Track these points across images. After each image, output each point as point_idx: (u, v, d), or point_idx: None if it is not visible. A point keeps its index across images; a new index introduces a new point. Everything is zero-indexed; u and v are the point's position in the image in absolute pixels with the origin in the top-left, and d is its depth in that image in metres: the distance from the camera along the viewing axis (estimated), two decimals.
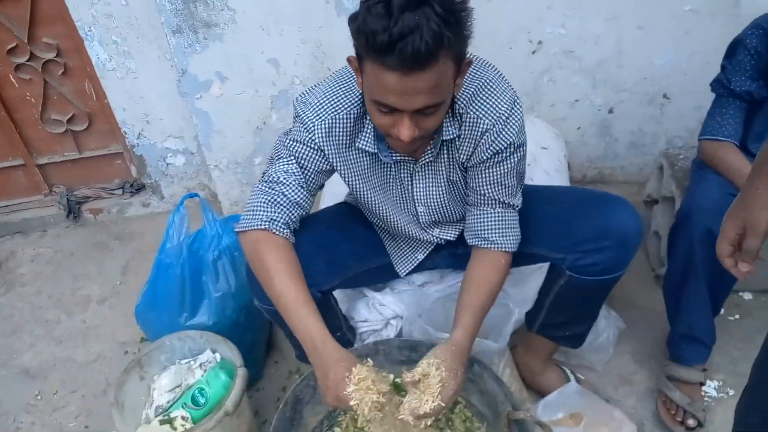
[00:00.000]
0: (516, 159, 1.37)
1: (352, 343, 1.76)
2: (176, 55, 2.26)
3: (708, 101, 2.29)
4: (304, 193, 1.39)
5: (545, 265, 1.89)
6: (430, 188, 1.47)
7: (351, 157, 1.41)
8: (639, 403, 1.83)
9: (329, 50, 2.30)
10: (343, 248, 1.59)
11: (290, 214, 1.38)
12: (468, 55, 1.19)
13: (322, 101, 1.34)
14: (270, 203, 1.36)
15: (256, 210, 1.36)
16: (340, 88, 1.35)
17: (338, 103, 1.34)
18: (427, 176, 1.45)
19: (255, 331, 1.96)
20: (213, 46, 2.25)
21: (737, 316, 2.03)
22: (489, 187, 1.40)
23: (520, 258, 1.61)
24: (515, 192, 1.43)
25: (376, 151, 1.37)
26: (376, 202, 1.51)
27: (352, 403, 1.18)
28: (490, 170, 1.38)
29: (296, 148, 1.37)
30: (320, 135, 1.35)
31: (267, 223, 1.35)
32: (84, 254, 2.74)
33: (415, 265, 1.70)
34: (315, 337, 1.26)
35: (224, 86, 2.36)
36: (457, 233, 1.62)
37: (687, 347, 1.74)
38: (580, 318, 1.65)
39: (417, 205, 1.51)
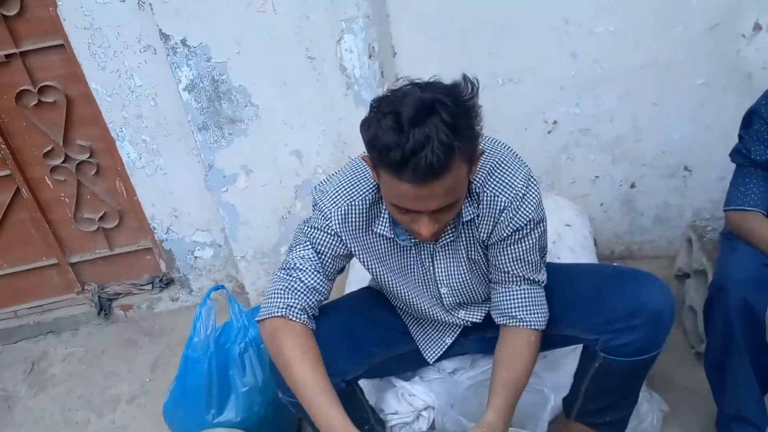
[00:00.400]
0: (537, 235, 1.37)
1: None
2: (203, 151, 2.35)
3: (730, 171, 2.30)
4: (321, 278, 1.41)
5: (579, 347, 1.84)
6: (452, 268, 1.46)
7: (369, 241, 1.43)
8: None
9: (349, 139, 2.37)
10: (367, 334, 1.57)
11: (307, 300, 1.39)
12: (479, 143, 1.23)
13: (338, 189, 1.39)
14: (287, 290, 1.38)
15: (274, 297, 1.38)
16: (355, 176, 1.39)
17: (353, 191, 1.38)
18: (447, 256, 1.45)
19: (283, 427, 1.91)
20: (238, 140, 2.34)
21: None
22: (512, 264, 1.40)
23: (551, 340, 1.57)
24: (539, 268, 1.43)
25: (393, 236, 1.40)
26: (398, 285, 1.51)
27: None
28: (512, 247, 1.38)
29: (313, 234, 1.40)
30: (336, 221, 1.38)
31: (284, 309, 1.35)
32: (114, 352, 2.75)
33: (444, 349, 1.66)
34: (336, 427, 1.23)
35: (249, 178, 2.43)
36: (483, 314, 1.59)
37: (738, 429, 1.64)
38: (619, 402, 1.58)
39: (440, 286, 1.50)
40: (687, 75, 2.16)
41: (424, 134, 1.06)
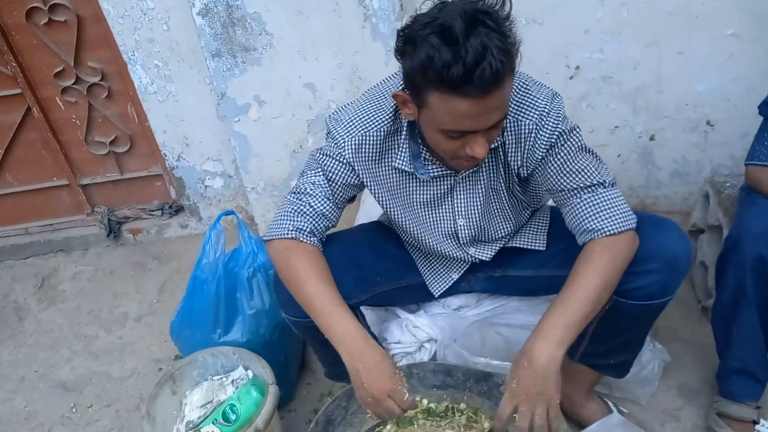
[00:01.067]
0: (575, 141, 1.31)
1: None
2: (215, 79, 2.31)
3: (754, 128, 2.24)
4: (330, 205, 1.41)
5: None
6: (472, 199, 1.45)
7: (382, 173, 1.42)
8: None
9: (365, 75, 2.32)
10: (373, 264, 1.58)
11: (316, 224, 1.39)
12: None
13: (353, 118, 1.37)
14: (297, 213, 1.38)
15: (283, 219, 1.39)
16: (371, 106, 1.37)
17: (369, 121, 1.36)
18: (467, 187, 1.43)
19: (288, 351, 1.94)
20: (251, 70, 2.30)
21: None
22: (564, 179, 1.31)
23: (561, 281, 1.56)
24: (595, 170, 1.30)
25: (412, 170, 1.38)
26: (408, 219, 1.50)
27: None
28: (555, 163, 1.32)
29: (324, 161, 1.40)
30: (349, 150, 1.37)
31: (294, 231, 1.37)
32: (123, 273, 2.79)
33: (450, 284, 1.67)
34: (355, 332, 1.28)
35: (262, 110, 2.40)
36: (492, 253, 1.59)
37: (739, 382, 1.65)
38: (625, 346, 1.58)
39: (457, 218, 1.49)
40: (716, 24, 2.08)
41: (480, 43, 1.02)
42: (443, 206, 1.47)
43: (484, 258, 1.59)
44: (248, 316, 1.80)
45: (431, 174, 1.40)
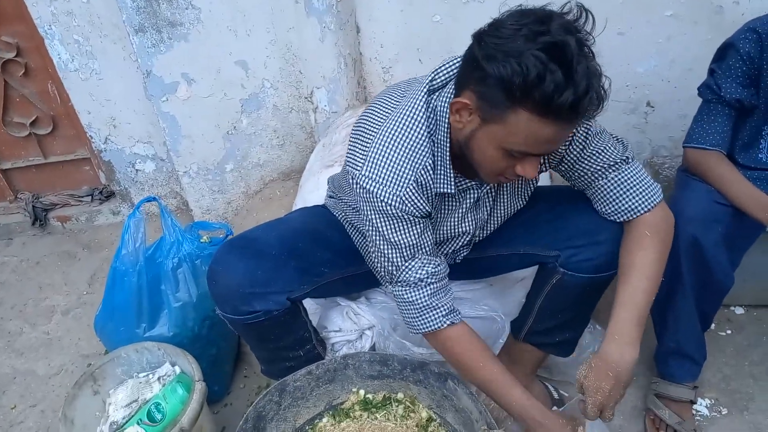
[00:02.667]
0: (596, 126, 1.28)
1: (322, 357, 1.67)
2: (140, 56, 2.17)
3: (692, 109, 2.24)
4: (442, 263, 1.34)
5: (529, 276, 1.81)
6: (496, 207, 1.42)
7: (435, 203, 1.32)
8: (626, 422, 1.74)
9: (300, 52, 2.22)
10: (316, 254, 1.50)
11: (447, 291, 1.35)
12: None
13: (392, 167, 1.21)
14: (433, 295, 1.32)
15: (425, 310, 1.33)
16: (401, 144, 1.21)
17: (412, 159, 1.21)
18: (492, 197, 1.39)
19: (219, 344, 1.86)
20: (178, 46, 2.17)
21: (729, 332, 1.95)
22: (589, 161, 1.28)
23: (509, 260, 1.55)
24: (615, 148, 1.28)
25: (455, 191, 1.28)
26: (439, 234, 1.43)
27: None
28: (577, 148, 1.27)
29: (408, 238, 1.27)
30: (412, 201, 1.22)
31: (444, 318, 1.33)
32: (50, 263, 2.64)
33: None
34: (536, 413, 1.28)
35: (191, 89, 2.27)
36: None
37: (675, 364, 1.66)
38: (571, 322, 1.56)
39: (476, 229, 1.43)
40: (656, 5, 2.05)
41: (588, 70, 0.98)
42: (466, 221, 1.40)
43: (468, 256, 1.54)
44: (174, 309, 1.71)
45: (460, 187, 1.32)
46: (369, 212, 1.25)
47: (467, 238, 1.45)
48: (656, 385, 1.71)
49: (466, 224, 1.41)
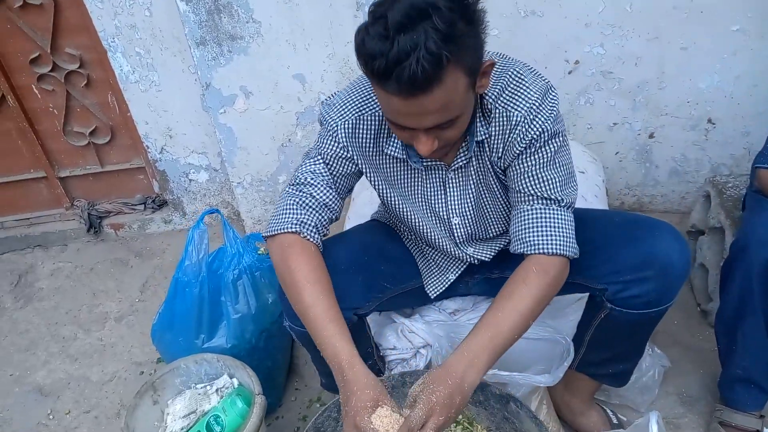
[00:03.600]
0: (553, 148, 1.22)
1: (382, 372, 1.66)
2: (200, 68, 2.21)
3: (756, 127, 2.20)
4: (333, 194, 1.33)
5: (585, 296, 1.78)
6: (465, 196, 1.37)
7: (378, 160, 1.34)
8: None
9: (356, 66, 2.21)
10: (380, 269, 1.49)
11: (320, 217, 1.31)
12: (490, 56, 1.13)
13: (345, 101, 1.30)
14: (298, 204, 1.30)
15: (284, 212, 1.30)
16: (366, 89, 1.29)
17: (362, 104, 1.28)
18: (460, 182, 1.35)
19: (275, 357, 1.86)
20: (237, 59, 2.20)
21: None
22: (526, 182, 1.25)
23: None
24: (558, 186, 1.24)
25: (405, 156, 1.30)
26: (408, 210, 1.42)
27: None
28: (525, 163, 1.24)
29: (322, 147, 1.32)
30: (344, 135, 1.29)
31: (297, 225, 1.28)
32: (104, 270, 2.69)
33: (446, 285, 1.59)
34: (342, 358, 1.16)
35: (249, 101, 2.30)
36: (492, 253, 1.50)
37: (742, 391, 1.60)
38: (623, 355, 1.52)
39: (452, 216, 1.40)
40: (721, 20, 2.01)
41: (411, 41, 0.94)
42: (438, 204, 1.39)
43: (484, 258, 1.51)
44: (233, 321, 1.72)
45: (424, 163, 1.31)
46: (320, 130, 1.34)
47: (446, 227, 1.42)
48: (720, 412, 1.66)
49: (440, 208, 1.38)
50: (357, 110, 1.28)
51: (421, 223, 1.43)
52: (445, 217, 1.41)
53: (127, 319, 2.40)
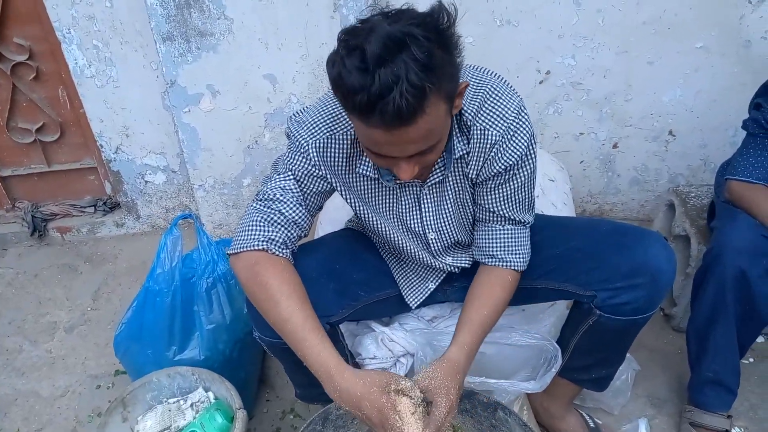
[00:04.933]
0: (528, 172, 1.28)
1: None
2: (165, 65, 2.11)
3: (713, 140, 2.30)
4: (303, 211, 1.28)
5: (559, 303, 1.80)
6: (441, 211, 1.36)
7: (351, 179, 1.31)
8: None
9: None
10: (353, 276, 1.46)
11: (289, 234, 1.26)
12: (465, 68, 1.14)
13: (316, 120, 1.25)
14: (266, 221, 1.25)
15: (251, 229, 1.24)
16: (336, 107, 1.24)
17: (333, 123, 1.24)
18: (435, 198, 1.34)
19: (248, 368, 1.80)
20: (206, 56, 2.11)
21: (752, 360, 1.98)
22: (500, 204, 1.31)
23: (543, 293, 1.52)
24: (527, 208, 1.34)
25: (377, 176, 1.28)
26: (383, 226, 1.39)
27: None
28: (501, 187, 1.28)
29: (293, 165, 1.27)
30: (316, 154, 1.25)
31: (265, 242, 1.23)
32: (50, 276, 2.51)
33: (427, 294, 1.58)
34: (331, 366, 1.14)
35: (215, 101, 2.22)
36: (471, 260, 1.51)
37: (711, 393, 1.67)
38: (607, 360, 1.55)
39: (428, 231, 1.39)
40: (687, 36, 2.09)
41: (392, 75, 0.92)
42: (413, 219, 1.37)
43: (464, 265, 1.51)
44: (207, 332, 1.64)
45: (397, 182, 1.30)
46: (287, 148, 1.30)
47: (422, 241, 1.42)
48: (690, 413, 1.71)
49: (415, 223, 1.38)
50: (328, 129, 1.24)
51: (396, 238, 1.42)
52: (421, 232, 1.40)
53: (78, 329, 2.25)
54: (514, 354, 1.60)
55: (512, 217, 1.32)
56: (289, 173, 1.27)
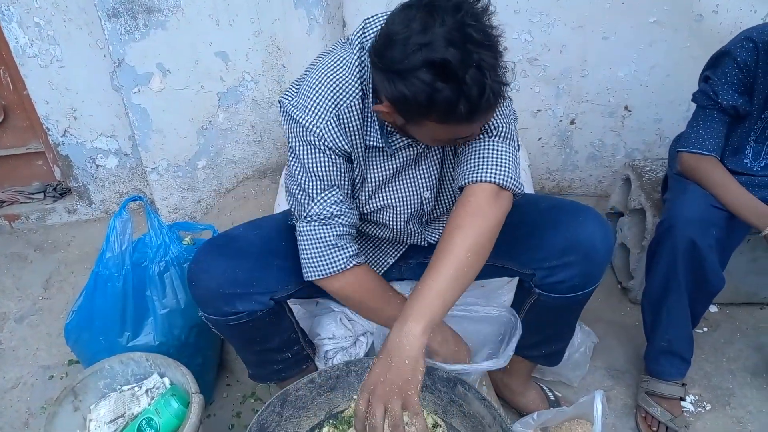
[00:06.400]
0: (507, 102, 1.24)
1: (312, 359, 1.61)
2: (111, 43, 2.03)
3: (668, 114, 2.33)
4: (354, 207, 1.32)
5: (515, 279, 1.81)
6: (431, 170, 1.35)
7: (359, 149, 1.26)
8: (618, 420, 1.77)
9: (285, 45, 2.13)
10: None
11: (353, 233, 1.33)
12: None
13: (317, 100, 1.19)
14: (338, 237, 1.28)
15: (329, 251, 1.27)
16: (328, 76, 1.19)
17: (336, 97, 1.18)
18: (427, 157, 1.32)
19: (206, 353, 1.76)
20: (154, 34, 2.04)
21: (705, 329, 2.03)
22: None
23: (489, 270, 1.51)
24: (501, 122, 1.20)
25: (383, 145, 1.24)
26: (376, 197, 1.37)
27: None
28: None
29: (324, 172, 1.23)
30: (331, 137, 1.20)
31: (351, 260, 1.29)
32: None
33: (385, 269, 1.57)
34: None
35: (166, 80, 2.14)
36: (440, 234, 1.49)
37: (666, 362, 1.70)
38: (555, 336, 1.56)
39: (422, 190, 1.37)
40: (640, 11, 2.11)
41: (478, 71, 0.94)
42: (407, 179, 1.35)
43: (433, 240, 1.49)
44: (160, 317, 1.60)
45: (397, 145, 1.27)
46: (293, 141, 1.23)
47: (417, 203, 1.39)
48: (647, 383, 1.75)
49: (411, 185, 1.36)
50: (333, 106, 1.18)
51: (387, 206, 1.38)
52: (417, 192, 1.37)
53: (29, 319, 2.17)
54: (476, 330, 1.60)
55: (487, 130, 1.20)
56: (336, 188, 1.26)
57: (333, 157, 1.22)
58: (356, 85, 1.18)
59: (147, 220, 1.64)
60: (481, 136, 1.21)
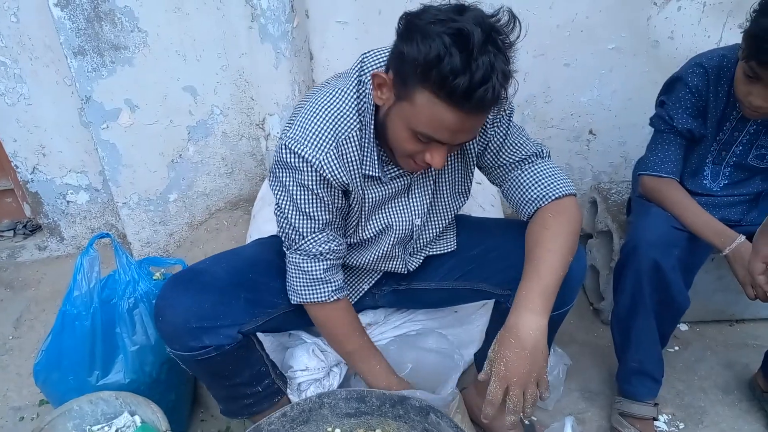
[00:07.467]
0: (509, 115, 1.33)
1: (284, 392, 1.61)
2: (78, 80, 2.03)
3: (631, 137, 2.39)
4: (343, 240, 1.38)
5: (489, 304, 1.82)
6: (424, 196, 1.39)
7: (357, 179, 1.28)
8: None
9: (252, 78, 2.16)
10: (268, 284, 1.45)
11: (340, 264, 1.41)
12: None
13: (316, 132, 1.21)
14: (326, 271, 1.36)
15: (315, 283, 1.36)
16: (325, 107, 1.22)
17: (335, 128, 1.21)
18: (421, 185, 1.37)
19: (178, 389, 1.74)
20: (121, 70, 2.05)
21: (676, 348, 2.05)
22: (502, 154, 1.35)
23: (465, 294, 1.55)
24: (530, 144, 1.36)
25: (379, 174, 1.28)
26: (368, 224, 1.39)
27: None
28: (496, 140, 1.33)
29: (320, 213, 1.29)
30: (330, 168, 1.22)
31: (334, 293, 1.38)
32: None
33: (359, 296, 1.58)
34: (389, 381, 1.45)
35: (134, 115, 2.15)
36: (419, 262, 1.54)
37: (638, 383, 1.72)
38: None
39: (414, 218, 1.40)
40: (600, 39, 2.17)
41: (489, 63, 0.99)
42: (400, 205, 1.38)
43: (413, 268, 1.53)
44: (131, 354, 1.58)
45: (392, 174, 1.31)
46: (288, 179, 1.25)
47: (408, 228, 1.42)
48: (620, 404, 1.76)
49: (403, 212, 1.39)
50: (333, 137, 1.21)
51: (372, 241, 1.43)
52: (409, 220, 1.40)
53: None
54: (428, 360, 1.62)
55: (523, 157, 1.35)
56: (322, 226, 1.31)
57: (331, 196, 1.27)
58: (354, 115, 1.21)
59: (115, 256, 1.63)
60: (533, 159, 1.34)
